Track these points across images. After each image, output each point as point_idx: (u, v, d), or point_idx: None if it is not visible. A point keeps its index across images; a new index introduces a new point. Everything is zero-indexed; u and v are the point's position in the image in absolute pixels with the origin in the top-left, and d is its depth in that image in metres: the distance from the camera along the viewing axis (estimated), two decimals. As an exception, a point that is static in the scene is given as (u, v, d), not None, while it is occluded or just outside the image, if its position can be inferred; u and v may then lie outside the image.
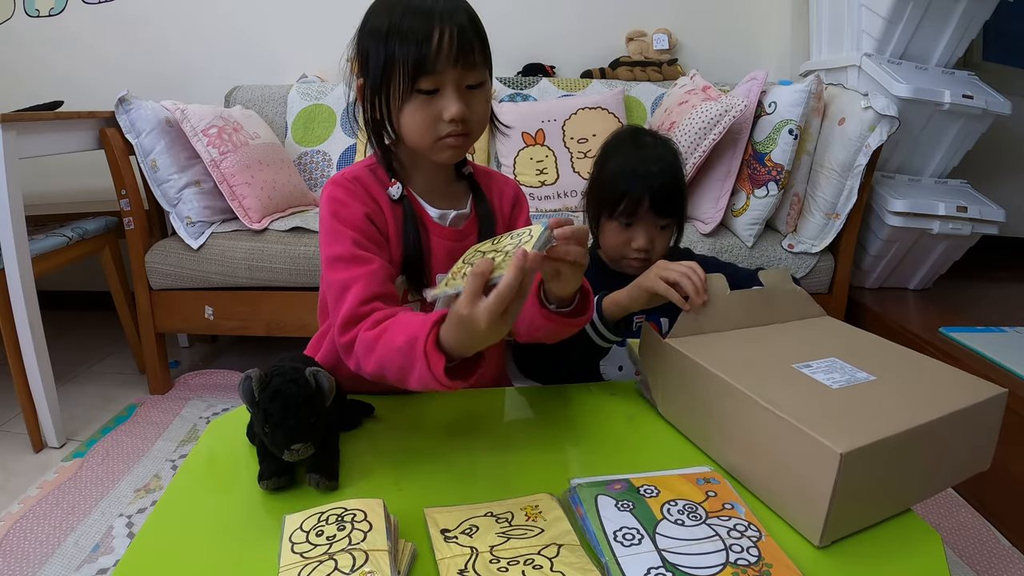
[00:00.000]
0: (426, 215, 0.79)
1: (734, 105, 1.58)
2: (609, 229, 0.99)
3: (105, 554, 1.15)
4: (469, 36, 0.68)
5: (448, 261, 0.77)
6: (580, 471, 0.62)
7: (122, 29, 2.27)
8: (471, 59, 0.69)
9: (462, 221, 0.81)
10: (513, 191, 0.88)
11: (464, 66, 0.68)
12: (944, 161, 1.84)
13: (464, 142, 0.73)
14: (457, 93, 0.69)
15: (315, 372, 0.61)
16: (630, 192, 0.95)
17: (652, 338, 0.76)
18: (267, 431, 0.59)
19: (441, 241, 0.79)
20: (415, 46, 0.66)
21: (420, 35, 0.66)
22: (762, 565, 0.49)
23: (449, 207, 0.80)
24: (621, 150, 1.00)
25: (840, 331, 0.78)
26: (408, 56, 0.67)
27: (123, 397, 1.79)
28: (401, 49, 0.67)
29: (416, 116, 0.70)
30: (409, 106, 0.70)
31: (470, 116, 0.71)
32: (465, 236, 0.80)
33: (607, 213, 0.98)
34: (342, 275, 0.70)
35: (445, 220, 0.80)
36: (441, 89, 0.69)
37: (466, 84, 0.70)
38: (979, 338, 1.48)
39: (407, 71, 0.67)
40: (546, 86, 2.13)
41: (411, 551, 0.51)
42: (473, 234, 0.81)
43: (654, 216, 0.96)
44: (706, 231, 1.67)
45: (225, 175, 1.65)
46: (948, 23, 1.74)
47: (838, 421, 0.55)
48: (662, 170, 0.96)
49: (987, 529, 1.23)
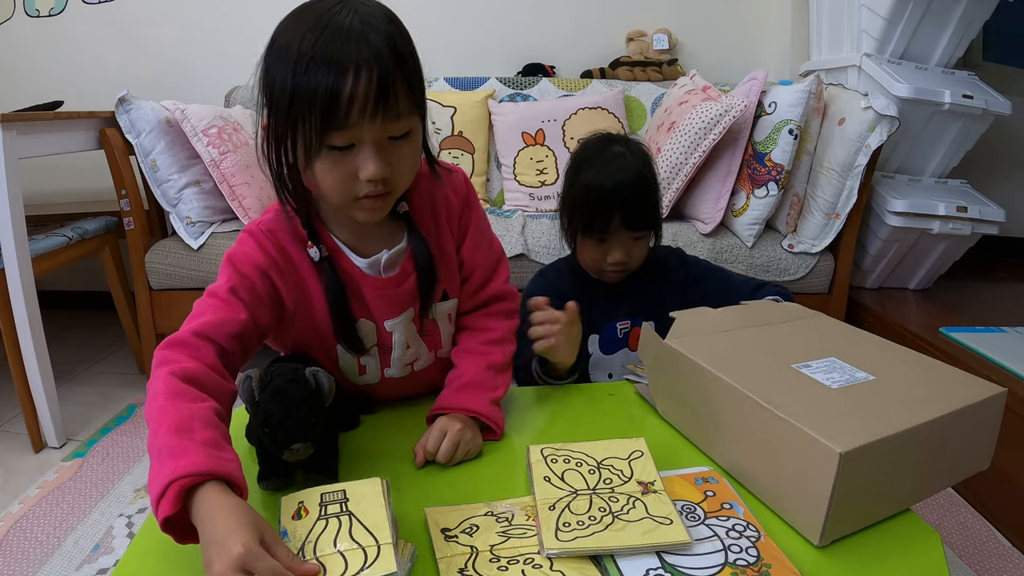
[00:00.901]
0: (355, 270, 0.71)
1: (734, 105, 1.58)
2: (584, 245, 0.98)
3: (105, 554, 1.15)
4: (391, 82, 0.57)
5: (392, 308, 0.73)
6: (580, 471, 0.62)
7: (122, 29, 2.27)
8: (393, 109, 0.58)
9: (398, 261, 0.73)
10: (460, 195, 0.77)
11: (385, 118, 0.57)
12: (944, 161, 1.84)
13: (385, 202, 0.64)
14: (375, 150, 0.59)
15: (315, 372, 0.61)
16: (600, 211, 0.93)
17: (652, 338, 0.76)
18: (267, 431, 0.59)
19: (377, 292, 0.72)
20: (324, 96, 0.55)
21: (330, 85, 0.55)
22: (761, 565, 0.49)
23: (381, 247, 0.72)
24: (589, 163, 0.98)
25: (839, 331, 0.78)
26: (317, 108, 0.55)
27: (123, 397, 1.79)
28: (308, 99, 0.55)
29: (328, 175, 0.60)
30: (320, 162, 0.59)
31: (392, 173, 0.61)
32: (403, 280, 0.72)
33: (581, 231, 0.97)
34: (201, 304, 0.65)
35: (377, 267, 0.71)
36: (357, 145, 0.59)
37: (388, 136, 0.60)
38: (979, 338, 1.48)
39: (316, 124, 0.56)
40: (546, 86, 2.13)
41: (411, 551, 0.51)
42: (412, 273, 0.73)
43: (627, 231, 0.95)
44: (706, 231, 1.67)
45: (225, 175, 1.65)
46: (948, 23, 1.74)
47: (837, 421, 0.55)
48: (631, 181, 0.94)
49: (987, 529, 1.22)
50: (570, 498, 0.56)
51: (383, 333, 0.74)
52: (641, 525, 0.52)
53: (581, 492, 0.57)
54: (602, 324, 1.02)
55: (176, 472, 0.47)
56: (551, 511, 0.55)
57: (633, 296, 1.03)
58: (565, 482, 0.58)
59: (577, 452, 0.63)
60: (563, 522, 0.53)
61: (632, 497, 0.56)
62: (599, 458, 0.62)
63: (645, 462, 0.61)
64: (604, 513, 0.54)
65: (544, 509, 0.55)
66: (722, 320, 0.79)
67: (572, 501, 0.56)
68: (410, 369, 0.79)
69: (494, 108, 2.04)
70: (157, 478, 0.48)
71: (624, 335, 1.03)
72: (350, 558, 0.46)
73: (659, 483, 0.58)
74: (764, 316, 0.81)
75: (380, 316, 0.73)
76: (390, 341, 0.75)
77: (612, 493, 0.57)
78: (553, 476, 0.59)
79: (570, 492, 0.57)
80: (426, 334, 0.78)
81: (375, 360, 0.76)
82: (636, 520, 0.53)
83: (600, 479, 0.59)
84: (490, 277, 0.81)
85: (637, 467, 0.60)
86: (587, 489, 0.57)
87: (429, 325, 0.77)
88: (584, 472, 0.60)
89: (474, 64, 2.25)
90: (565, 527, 0.53)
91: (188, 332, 0.61)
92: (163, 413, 0.52)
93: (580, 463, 0.61)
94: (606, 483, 0.58)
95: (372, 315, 0.73)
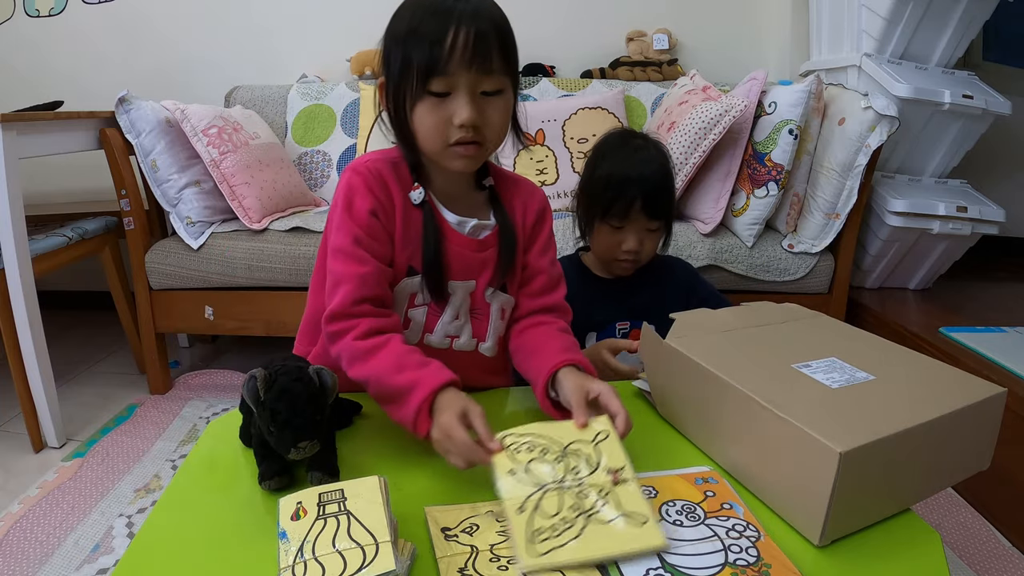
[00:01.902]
0: (444, 221, 0.77)
1: (734, 105, 1.57)
2: (600, 231, 1.00)
3: (105, 554, 1.15)
4: (488, 40, 0.66)
5: (464, 270, 0.77)
6: (580, 471, 0.62)
7: (122, 29, 2.27)
8: (487, 64, 0.67)
9: (482, 232, 0.79)
10: (539, 204, 0.84)
11: (479, 71, 0.66)
12: (944, 161, 1.84)
13: (476, 151, 0.71)
14: (469, 97, 0.67)
15: (318, 370, 0.61)
16: (622, 195, 0.95)
17: (652, 338, 0.76)
18: (273, 430, 0.59)
19: (458, 249, 0.77)
20: (428, 45, 0.65)
21: (435, 35, 0.65)
22: (761, 565, 0.49)
23: (469, 215, 0.78)
24: (612, 153, 1.01)
25: (839, 331, 0.78)
26: (422, 55, 0.65)
27: (123, 397, 1.79)
28: (416, 48, 0.66)
29: (426, 119, 0.68)
30: (420, 107, 0.68)
31: (483, 124, 0.69)
32: (485, 248, 0.78)
33: (599, 215, 0.99)
34: (339, 268, 0.71)
35: (464, 228, 0.77)
36: (453, 92, 0.67)
37: (481, 90, 0.68)
38: (979, 338, 1.48)
39: (420, 71, 0.66)
40: (546, 86, 2.13)
41: (411, 550, 0.51)
42: (494, 246, 0.79)
43: (645, 218, 0.97)
44: (706, 231, 1.67)
45: (225, 175, 1.65)
46: (948, 23, 1.74)
47: (837, 420, 0.55)
48: (653, 172, 0.97)
49: (987, 529, 1.22)
50: (539, 496, 0.54)
51: None
52: (616, 528, 0.51)
53: (550, 487, 0.55)
54: (603, 323, 1.02)
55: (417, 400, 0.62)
56: (521, 513, 0.53)
57: (635, 297, 1.03)
58: (531, 474, 0.56)
59: (542, 436, 0.60)
60: (535, 528, 0.51)
61: (603, 490, 0.54)
62: (564, 442, 0.60)
63: (611, 444, 0.59)
64: (576, 513, 0.52)
65: (513, 512, 0.53)
66: (722, 320, 0.79)
67: (541, 499, 0.54)
68: (448, 343, 0.80)
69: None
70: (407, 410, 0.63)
71: (623, 336, 1.03)
72: (349, 557, 0.46)
73: (628, 469, 0.56)
74: (764, 316, 0.81)
75: (453, 275, 0.77)
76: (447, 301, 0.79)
77: (582, 487, 0.55)
78: (518, 469, 0.57)
79: (538, 488, 0.55)
80: (476, 316, 0.81)
81: (422, 318, 0.78)
82: (610, 520, 0.52)
83: (568, 468, 0.57)
84: (553, 287, 0.83)
85: (605, 451, 0.58)
86: (555, 483, 0.55)
87: (481, 306, 0.80)
88: (550, 460, 0.58)
89: (474, 64, 2.25)
90: (538, 534, 0.51)
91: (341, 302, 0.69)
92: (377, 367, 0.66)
93: (545, 450, 0.59)
94: (574, 473, 0.56)
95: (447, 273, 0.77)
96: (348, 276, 0.70)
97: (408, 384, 0.64)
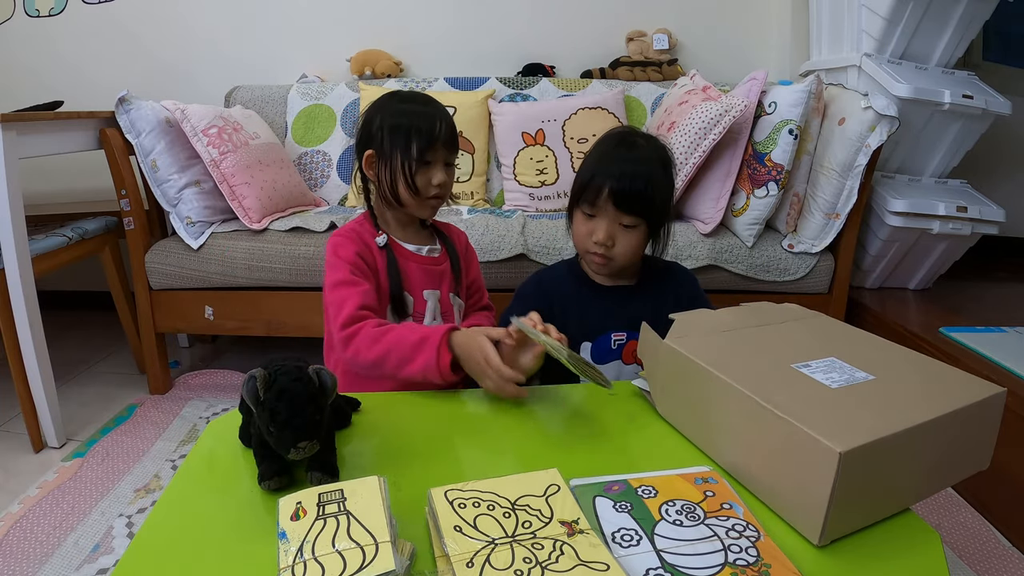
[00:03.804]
0: (406, 251, 1.04)
1: (734, 105, 1.57)
2: (576, 218, 0.99)
3: (105, 554, 1.15)
4: (454, 129, 0.99)
5: (429, 282, 1.04)
6: (578, 472, 0.62)
7: (122, 29, 2.27)
8: (453, 144, 0.99)
9: (435, 253, 1.07)
10: (464, 241, 1.15)
11: (449, 148, 0.99)
12: (944, 161, 1.84)
13: (439, 204, 1.03)
14: (443, 167, 0.99)
15: (318, 370, 0.61)
16: (592, 181, 0.94)
17: (651, 338, 0.76)
18: (273, 430, 0.59)
19: (419, 266, 1.03)
20: (425, 131, 0.95)
21: (429, 124, 0.96)
22: (761, 565, 0.49)
23: (422, 244, 1.06)
24: (604, 145, 0.99)
25: (839, 331, 0.78)
26: (420, 136, 0.95)
27: (123, 397, 1.79)
28: (414, 132, 0.95)
29: (419, 180, 0.97)
30: (414, 172, 0.96)
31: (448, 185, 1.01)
32: (439, 263, 1.07)
33: (573, 201, 0.99)
34: (341, 292, 0.92)
35: (422, 251, 1.05)
36: (433, 163, 0.97)
37: (445, 162, 0.99)
38: (979, 338, 1.48)
39: (418, 147, 0.95)
40: (546, 86, 2.13)
41: (410, 550, 0.51)
42: (445, 263, 1.07)
43: (615, 210, 0.93)
44: (706, 231, 1.67)
45: (225, 175, 1.65)
46: (948, 23, 1.74)
47: (837, 420, 0.55)
48: (633, 165, 0.93)
49: (987, 529, 1.22)
50: (488, 549, 0.50)
51: (419, 302, 1.03)
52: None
53: (500, 541, 0.50)
54: (597, 332, 1.00)
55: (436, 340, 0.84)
56: (469, 568, 0.48)
57: (632, 306, 1.00)
58: (479, 530, 0.51)
59: (487, 493, 0.56)
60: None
61: (558, 542, 0.50)
62: (512, 498, 0.55)
63: (564, 497, 0.55)
64: (531, 565, 0.48)
65: (461, 567, 0.48)
66: (722, 320, 0.79)
67: (492, 553, 0.49)
68: None
69: (494, 108, 2.04)
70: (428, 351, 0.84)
71: (618, 347, 1.01)
72: (348, 558, 0.46)
73: (583, 520, 0.52)
74: (764, 316, 0.81)
75: (419, 288, 1.02)
76: (424, 309, 1.03)
77: (535, 539, 0.51)
78: (464, 524, 0.52)
79: (487, 542, 0.50)
80: (445, 317, 1.05)
81: None
82: (568, 570, 0.48)
83: (518, 523, 0.52)
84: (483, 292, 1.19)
85: (556, 504, 0.55)
86: (505, 537, 0.51)
87: (447, 308, 1.06)
88: (498, 516, 0.53)
89: (474, 64, 2.26)
90: None
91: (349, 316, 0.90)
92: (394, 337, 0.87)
93: (492, 505, 0.54)
94: (525, 527, 0.52)
95: (412, 290, 1.02)
96: (351, 295, 0.91)
97: (425, 334, 0.85)
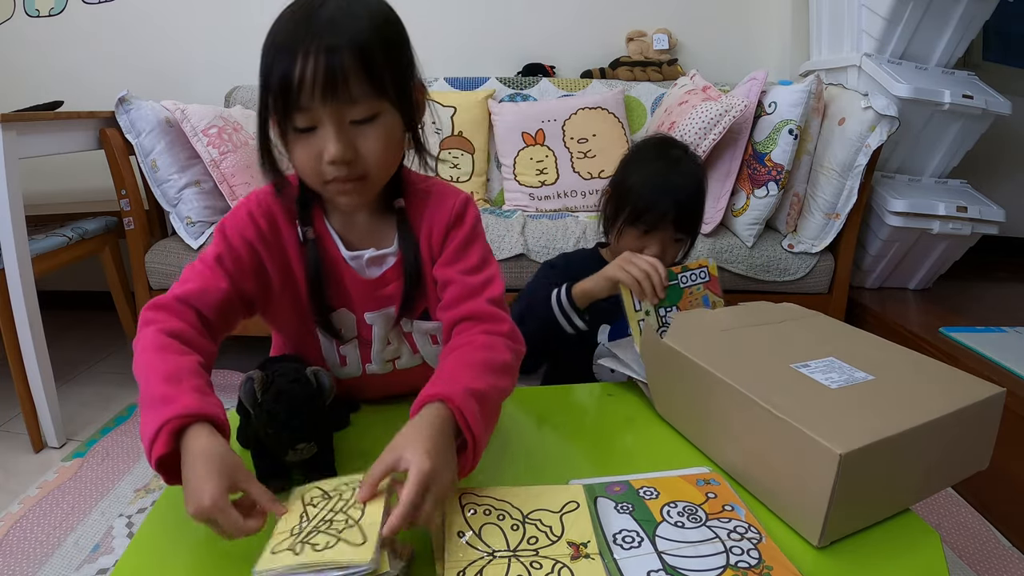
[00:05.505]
0: (340, 259, 0.70)
1: (734, 105, 1.57)
2: (627, 234, 1.02)
3: (105, 554, 1.15)
4: (343, 65, 0.56)
5: (369, 302, 0.72)
6: (579, 473, 0.62)
7: (122, 29, 2.27)
8: (346, 93, 0.57)
9: (385, 262, 0.71)
10: (448, 214, 0.71)
11: (337, 101, 0.57)
12: (944, 161, 1.84)
13: (358, 186, 0.63)
14: (335, 132, 0.59)
15: (316, 371, 0.61)
16: (656, 206, 0.97)
17: (651, 338, 0.76)
18: (271, 432, 0.58)
19: (357, 287, 0.71)
20: (280, 79, 0.57)
21: (285, 67, 0.57)
22: (762, 567, 0.49)
23: (369, 245, 0.71)
24: (650, 160, 1.03)
25: (839, 331, 0.78)
26: (277, 90, 0.58)
27: (123, 397, 1.79)
28: (270, 79, 0.58)
29: (299, 155, 0.61)
30: (292, 143, 0.61)
31: (358, 157, 0.60)
32: (383, 285, 0.71)
33: (628, 219, 1.00)
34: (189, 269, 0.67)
35: (360, 262, 0.70)
36: (319, 127, 0.59)
37: (350, 119, 0.59)
38: (979, 338, 1.48)
39: (279, 105, 0.59)
40: (546, 86, 2.13)
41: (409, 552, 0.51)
42: (395, 281, 0.71)
43: (673, 230, 0.99)
44: (706, 231, 1.67)
45: (225, 175, 1.65)
46: (948, 23, 1.74)
47: (837, 421, 0.55)
48: (688, 186, 0.99)
49: (987, 529, 1.22)
50: (484, 561, 0.48)
51: (363, 325, 0.73)
52: None
53: (499, 554, 0.49)
54: (615, 316, 1.03)
55: (168, 415, 0.51)
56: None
57: None
58: (482, 540, 0.50)
59: (501, 501, 0.55)
60: None
61: (558, 564, 0.48)
62: (526, 510, 0.54)
63: (579, 517, 0.53)
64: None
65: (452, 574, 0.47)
66: (721, 320, 0.79)
67: (487, 566, 0.48)
68: (392, 367, 0.78)
69: (494, 108, 2.04)
70: (151, 422, 0.51)
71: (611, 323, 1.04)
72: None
73: (593, 545, 0.50)
74: (763, 316, 0.81)
75: (360, 308, 0.72)
76: (370, 334, 0.74)
77: (536, 556, 0.49)
78: (469, 532, 0.51)
79: (485, 554, 0.49)
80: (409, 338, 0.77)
81: (355, 352, 0.75)
82: None
83: (524, 537, 0.51)
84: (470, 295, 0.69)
85: (569, 523, 0.52)
86: (506, 550, 0.49)
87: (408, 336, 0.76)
88: (506, 528, 0.52)
89: (474, 64, 2.25)
90: None
91: (172, 297, 0.64)
92: (153, 365, 0.56)
93: (503, 515, 0.53)
94: (531, 542, 0.50)
95: (352, 306, 0.72)
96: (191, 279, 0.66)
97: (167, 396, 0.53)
